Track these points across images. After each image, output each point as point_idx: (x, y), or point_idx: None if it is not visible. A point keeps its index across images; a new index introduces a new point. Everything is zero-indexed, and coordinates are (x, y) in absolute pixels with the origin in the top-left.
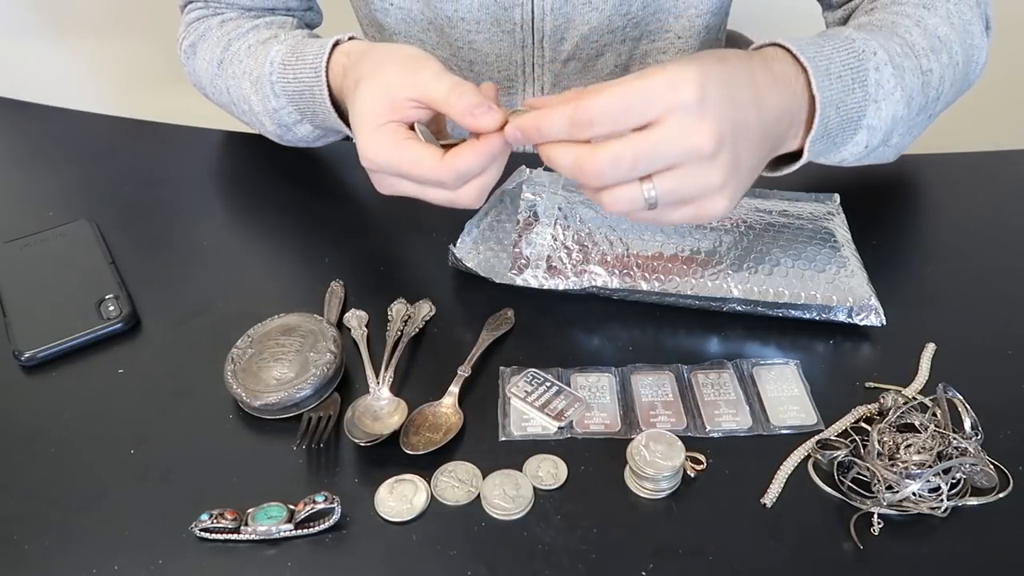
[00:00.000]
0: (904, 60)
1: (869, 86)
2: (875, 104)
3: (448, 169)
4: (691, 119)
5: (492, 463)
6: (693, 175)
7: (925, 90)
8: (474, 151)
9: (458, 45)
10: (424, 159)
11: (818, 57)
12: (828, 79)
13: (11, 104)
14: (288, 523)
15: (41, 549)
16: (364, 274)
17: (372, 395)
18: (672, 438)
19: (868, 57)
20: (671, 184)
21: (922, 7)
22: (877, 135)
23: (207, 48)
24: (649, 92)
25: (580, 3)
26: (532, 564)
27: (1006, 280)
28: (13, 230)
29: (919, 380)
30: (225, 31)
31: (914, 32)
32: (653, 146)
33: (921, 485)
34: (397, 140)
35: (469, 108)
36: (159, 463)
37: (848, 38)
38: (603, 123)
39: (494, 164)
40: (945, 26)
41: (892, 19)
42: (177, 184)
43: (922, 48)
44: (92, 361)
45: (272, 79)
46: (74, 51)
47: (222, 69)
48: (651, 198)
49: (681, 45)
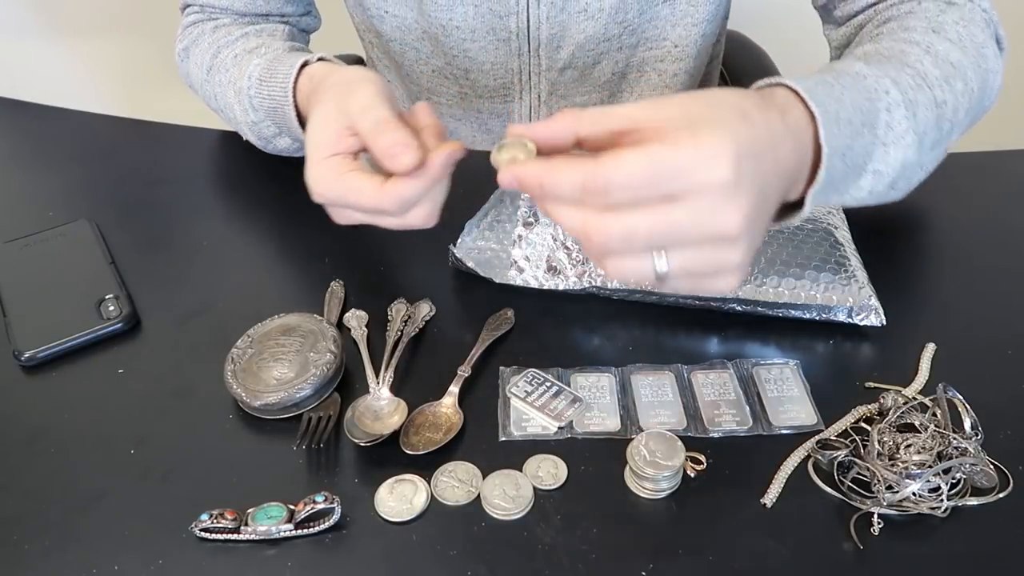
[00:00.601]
0: (918, 94)
1: (879, 128)
2: (883, 147)
3: (389, 198)
4: (721, 201)
5: (492, 463)
6: (712, 255)
7: (939, 124)
8: (412, 180)
9: (453, 54)
10: (365, 190)
11: (828, 101)
12: (837, 126)
13: (11, 104)
14: (288, 523)
15: (41, 549)
16: (364, 274)
17: (372, 395)
18: (672, 438)
19: (880, 96)
20: (686, 262)
21: (931, 31)
22: (883, 180)
23: (199, 53)
24: (677, 164)
25: (576, 11)
26: (532, 564)
27: (1006, 280)
28: (13, 230)
29: (919, 380)
30: (216, 38)
31: (925, 61)
32: (675, 225)
33: (921, 485)
34: (339, 173)
35: (387, 148)
36: (159, 463)
37: (859, 75)
38: (621, 194)
39: (437, 187)
40: (957, 51)
41: (901, 47)
42: (177, 184)
43: (935, 78)
44: (92, 361)
45: (250, 93)
46: (74, 51)
47: (211, 76)
48: (662, 273)
49: (678, 54)
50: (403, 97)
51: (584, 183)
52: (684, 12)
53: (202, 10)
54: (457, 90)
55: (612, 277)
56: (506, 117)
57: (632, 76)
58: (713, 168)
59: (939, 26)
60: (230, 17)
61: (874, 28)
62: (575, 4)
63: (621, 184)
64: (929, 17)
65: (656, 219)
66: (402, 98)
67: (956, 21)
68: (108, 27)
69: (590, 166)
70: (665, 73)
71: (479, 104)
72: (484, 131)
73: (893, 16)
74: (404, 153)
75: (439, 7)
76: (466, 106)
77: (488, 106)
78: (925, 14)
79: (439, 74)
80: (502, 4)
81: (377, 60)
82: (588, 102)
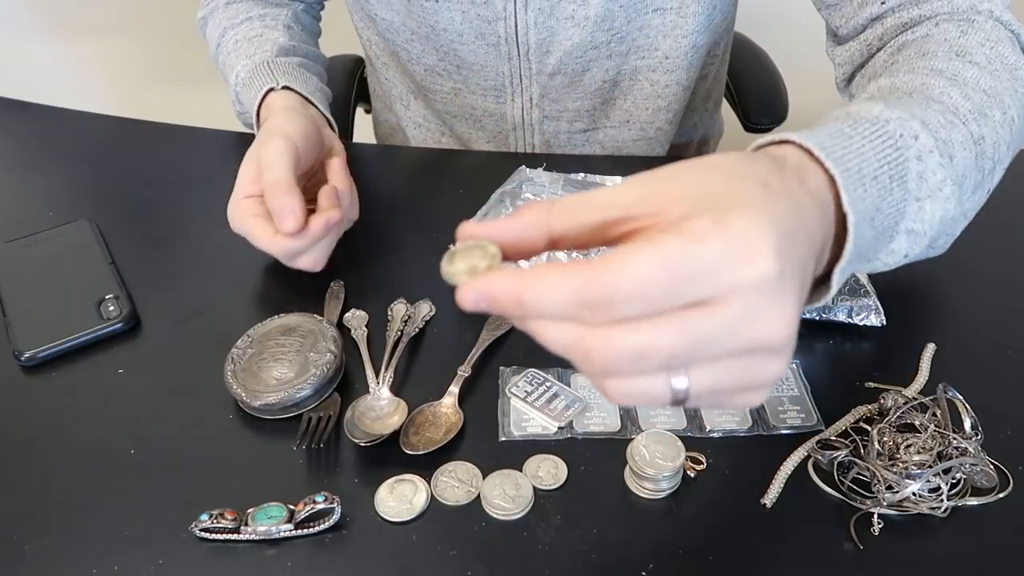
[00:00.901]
0: (951, 132)
1: (910, 182)
2: (917, 203)
3: (276, 247)
4: (763, 303)
5: (492, 463)
6: (746, 370)
7: (979, 163)
8: (296, 238)
9: (444, 51)
10: (261, 236)
11: (848, 157)
12: (862, 186)
13: (11, 104)
14: (288, 523)
15: (41, 549)
16: (364, 274)
17: (372, 395)
18: (672, 438)
19: (907, 143)
20: (714, 380)
21: (954, 56)
22: (920, 241)
23: (212, 28)
24: (705, 263)
25: (563, 18)
26: (532, 564)
27: (1006, 280)
28: (13, 230)
29: (919, 380)
30: (227, 15)
31: (953, 93)
32: (703, 339)
33: (921, 485)
34: (244, 216)
35: (276, 211)
36: (159, 463)
37: (879, 119)
38: (632, 306)
39: (325, 240)
40: (987, 77)
41: (923, 80)
42: (177, 184)
43: (968, 111)
44: (92, 361)
45: (236, 90)
46: (74, 51)
47: (219, 52)
48: (680, 394)
49: (668, 65)
50: (404, 92)
51: (581, 295)
52: (674, 23)
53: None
54: (451, 86)
55: (615, 401)
56: (500, 117)
57: (625, 84)
58: (751, 263)
59: (963, 49)
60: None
61: (888, 57)
62: (562, 10)
63: (630, 293)
64: (950, 40)
65: (678, 332)
66: (403, 94)
67: (981, 43)
68: (108, 27)
69: (587, 272)
70: (657, 83)
71: (473, 100)
72: (479, 128)
73: (908, 42)
74: (287, 219)
75: (426, 11)
76: (460, 103)
77: (482, 104)
78: (945, 36)
79: (432, 72)
80: (489, 9)
81: (375, 57)
82: (581, 107)
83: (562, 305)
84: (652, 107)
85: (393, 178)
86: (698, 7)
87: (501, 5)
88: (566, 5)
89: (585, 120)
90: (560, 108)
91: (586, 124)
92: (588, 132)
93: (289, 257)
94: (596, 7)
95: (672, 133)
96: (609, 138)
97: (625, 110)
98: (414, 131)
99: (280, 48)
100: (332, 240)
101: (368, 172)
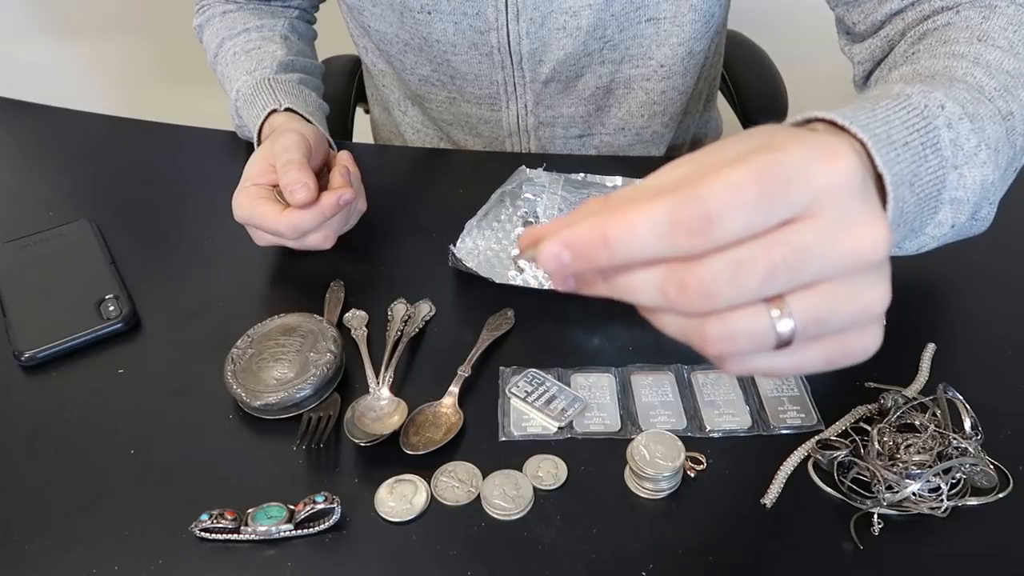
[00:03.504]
0: (979, 107)
1: (944, 149)
2: (956, 170)
3: (283, 223)
4: (854, 205)
5: (492, 463)
6: (852, 297)
7: (1011, 138)
8: (307, 212)
9: (438, 62)
10: (268, 215)
11: (873, 124)
12: (893, 148)
13: (11, 104)
14: (288, 523)
15: (41, 549)
16: (364, 274)
17: (372, 395)
18: (672, 438)
19: (934, 113)
20: (819, 310)
21: (976, 41)
22: (965, 209)
23: (209, 36)
24: (794, 167)
25: (554, 28)
26: (532, 564)
27: (1006, 280)
28: (13, 230)
29: (919, 380)
30: (224, 25)
31: (976, 73)
32: (804, 249)
33: (921, 485)
34: (252, 199)
35: (287, 184)
36: (159, 463)
37: (901, 94)
38: (729, 223)
39: (336, 218)
40: (1011, 59)
41: (944, 63)
42: (177, 184)
43: (993, 89)
44: (92, 361)
45: (237, 104)
46: (74, 51)
47: (217, 61)
48: (786, 332)
49: (664, 73)
50: (401, 99)
51: (674, 216)
52: (668, 32)
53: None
54: (446, 96)
55: (717, 350)
56: (495, 124)
57: (619, 92)
58: (836, 162)
59: (984, 34)
60: (235, 4)
61: (908, 47)
62: (553, 21)
63: (726, 205)
64: (971, 26)
65: (776, 243)
66: (400, 100)
67: (1003, 27)
68: (108, 27)
69: (678, 191)
70: (652, 91)
71: (468, 109)
72: (475, 135)
73: (929, 31)
74: (299, 191)
75: (419, 23)
76: (456, 111)
77: (477, 112)
78: (966, 24)
79: (426, 81)
80: (482, 20)
81: (372, 65)
82: (575, 113)
83: (654, 234)
84: (648, 113)
85: (393, 178)
86: (694, 15)
87: (493, 16)
88: (558, 16)
89: (580, 126)
90: (555, 114)
91: (581, 130)
92: (584, 138)
93: (296, 234)
94: (588, 17)
95: (669, 136)
96: (605, 144)
97: (620, 117)
98: (412, 136)
99: (280, 64)
100: (342, 220)
101: (368, 172)
